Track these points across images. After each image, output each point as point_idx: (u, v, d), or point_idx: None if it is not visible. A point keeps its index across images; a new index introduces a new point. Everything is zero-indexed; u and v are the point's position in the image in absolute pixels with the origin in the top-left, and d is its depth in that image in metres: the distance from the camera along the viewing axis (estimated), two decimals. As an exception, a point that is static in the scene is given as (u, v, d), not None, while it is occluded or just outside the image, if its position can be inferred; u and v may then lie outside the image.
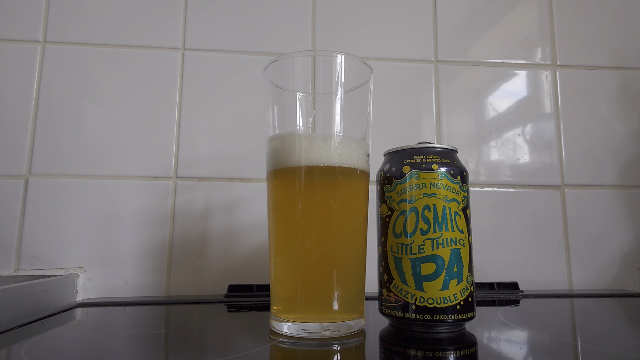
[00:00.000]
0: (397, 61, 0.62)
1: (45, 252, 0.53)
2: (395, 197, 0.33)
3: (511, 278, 0.56)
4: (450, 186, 0.32)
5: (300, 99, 0.35)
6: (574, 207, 0.61)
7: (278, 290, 0.34)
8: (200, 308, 0.46)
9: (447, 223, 0.31)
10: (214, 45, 0.60)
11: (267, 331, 0.33)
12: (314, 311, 0.32)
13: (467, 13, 0.65)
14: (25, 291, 0.41)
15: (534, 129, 0.63)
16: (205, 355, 0.29)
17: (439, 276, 0.31)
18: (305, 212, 0.32)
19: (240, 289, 0.52)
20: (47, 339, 0.34)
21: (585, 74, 0.64)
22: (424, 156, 0.33)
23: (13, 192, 0.53)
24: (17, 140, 0.55)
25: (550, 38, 0.65)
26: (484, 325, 0.36)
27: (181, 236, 0.55)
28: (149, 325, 0.40)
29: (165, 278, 0.54)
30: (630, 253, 0.60)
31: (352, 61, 0.34)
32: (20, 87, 0.56)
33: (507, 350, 0.30)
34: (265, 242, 0.51)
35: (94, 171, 0.55)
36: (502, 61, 0.64)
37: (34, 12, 0.57)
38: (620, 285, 0.59)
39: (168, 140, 0.57)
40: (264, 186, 0.36)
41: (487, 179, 0.61)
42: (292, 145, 0.32)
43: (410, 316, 0.31)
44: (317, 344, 0.30)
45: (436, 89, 0.62)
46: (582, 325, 0.40)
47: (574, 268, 0.59)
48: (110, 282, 0.53)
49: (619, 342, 0.33)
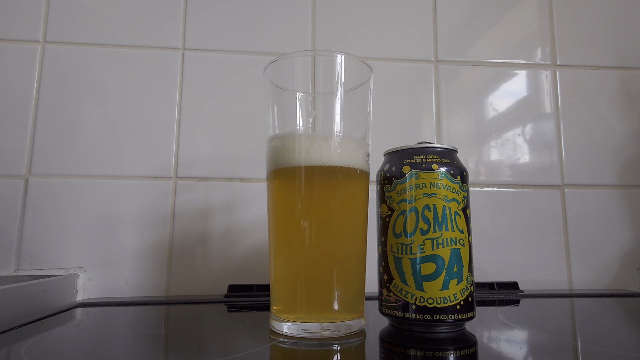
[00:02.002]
0: (397, 61, 0.62)
1: (45, 252, 0.53)
2: (395, 197, 0.33)
3: (511, 278, 0.56)
4: (450, 186, 0.32)
5: (300, 99, 0.35)
6: (574, 207, 0.61)
7: (278, 290, 0.34)
8: (200, 308, 0.46)
9: (447, 223, 0.31)
10: (214, 45, 0.60)
11: (267, 331, 0.33)
12: (314, 311, 0.32)
13: (467, 13, 0.65)
14: (25, 291, 0.41)
15: (534, 128, 0.63)
16: (205, 355, 0.29)
17: (439, 276, 0.31)
18: (305, 212, 0.32)
19: (240, 289, 0.52)
20: (47, 339, 0.34)
21: (585, 74, 0.64)
22: (424, 156, 0.33)
23: (13, 192, 0.53)
24: (17, 140, 0.55)
25: (550, 38, 0.65)
26: (484, 325, 0.36)
27: (181, 236, 0.55)
28: (149, 325, 0.40)
29: (165, 278, 0.54)
30: (630, 253, 0.60)
31: (352, 61, 0.34)
32: (20, 87, 0.56)
33: (507, 350, 0.30)
34: (265, 242, 0.51)
35: (94, 171, 0.55)
36: (502, 61, 0.64)
37: (34, 12, 0.57)
38: (620, 285, 0.59)
39: (168, 140, 0.57)
40: (264, 186, 0.36)
41: (487, 178, 0.61)
42: (292, 145, 0.32)
43: (410, 316, 0.31)
44: (317, 344, 0.30)
45: (436, 89, 0.62)
46: (582, 325, 0.40)
47: (574, 268, 0.59)
48: (110, 282, 0.53)
49: (619, 342, 0.33)
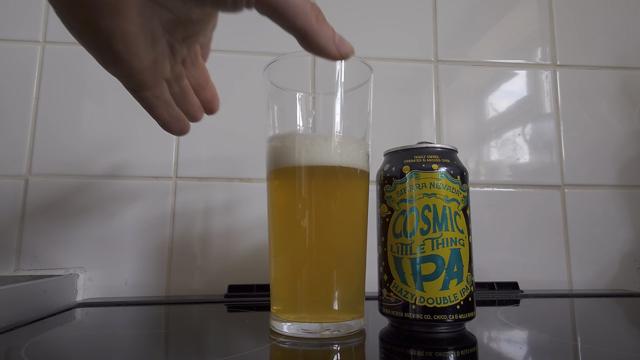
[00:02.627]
0: (397, 61, 0.62)
1: (45, 252, 0.53)
2: (395, 197, 0.33)
3: (511, 278, 0.56)
4: (450, 186, 0.32)
5: (300, 98, 0.35)
6: (574, 207, 0.61)
7: (278, 290, 0.34)
8: (200, 308, 0.46)
9: (447, 223, 0.31)
10: (213, 45, 0.59)
11: (267, 331, 0.33)
12: (314, 311, 0.32)
13: (467, 13, 0.65)
14: (25, 291, 0.41)
15: (534, 128, 0.63)
16: (205, 355, 0.29)
17: (439, 276, 0.31)
18: (305, 212, 0.32)
19: (240, 289, 0.52)
20: (47, 339, 0.34)
21: (585, 74, 0.64)
22: (424, 156, 0.33)
23: (13, 192, 0.53)
24: (17, 140, 0.55)
25: (550, 38, 0.65)
26: (484, 325, 0.36)
27: (181, 236, 0.55)
28: (149, 325, 0.40)
29: (165, 278, 0.54)
30: (630, 253, 0.60)
31: (352, 61, 0.34)
32: (20, 87, 0.56)
33: (507, 350, 0.30)
34: (265, 242, 0.50)
35: (94, 171, 0.55)
36: (502, 61, 0.64)
37: (34, 12, 0.57)
38: (620, 285, 0.59)
39: (168, 140, 0.57)
40: (264, 186, 0.36)
41: (487, 178, 0.61)
42: (292, 145, 0.32)
43: (410, 316, 0.31)
44: (317, 344, 0.30)
45: (436, 88, 0.62)
46: (582, 325, 0.40)
47: (574, 268, 0.59)
48: (110, 282, 0.53)
49: (619, 342, 0.33)
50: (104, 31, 0.20)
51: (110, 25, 0.20)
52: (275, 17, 0.22)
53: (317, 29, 0.23)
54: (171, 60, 0.26)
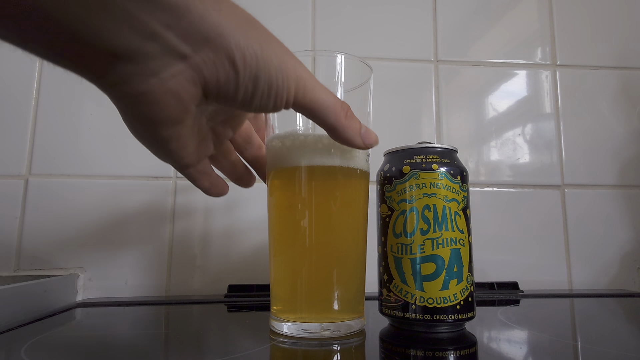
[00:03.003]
0: (397, 61, 0.62)
1: (45, 252, 0.53)
2: (395, 197, 0.33)
3: (511, 278, 0.56)
4: (450, 186, 0.32)
5: (300, 98, 0.35)
6: (574, 207, 0.61)
7: (278, 290, 0.34)
8: (200, 308, 0.46)
9: (447, 223, 0.31)
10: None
11: (267, 331, 0.33)
12: (314, 311, 0.32)
13: (467, 13, 0.65)
14: (25, 291, 0.41)
15: (534, 128, 0.63)
16: (205, 355, 0.29)
17: (439, 276, 0.31)
18: (305, 212, 0.32)
19: (240, 289, 0.52)
20: (47, 339, 0.34)
21: (585, 74, 0.64)
22: (424, 156, 0.33)
23: (13, 192, 0.53)
24: (17, 140, 0.55)
25: (550, 38, 0.65)
26: (484, 325, 0.36)
27: (181, 236, 0.55)
28: (149, 325, 0.40)
29: (165, 278, 0.54)
30: (630, 253, 0.60)
31: (352, 61, 0.34)
32: (20, 87, 0.56)
33: (507, 350, 0.30)
34: (265, 242, 0.50)
35: (94, 171, 0.55)
36: (502, 61, 0.64)
37: (34, 12, 0.57)
38: (620, 285, 0.59)
39: (168, 140, 0.57)
40: (263, 186, 0.36)
41: (487, 178, 0.61)
42: (292, 145, 0.32)
43: (410, 316, 0.31)
44: (317, 344, 0.30)
45: (436, 88, 0.62)
46: (582, 325, 0.40)
47: (574, 268, 0.59)
48: (110, 282, 0.53)
49: (619, 342, 0.33)
50: (164, 137, 0.23)
51: (170, 133, 0.23)
52: (310, 116, 0.26)
53: (345, 125, 0.26)
54: (215, 141, 0.29)
